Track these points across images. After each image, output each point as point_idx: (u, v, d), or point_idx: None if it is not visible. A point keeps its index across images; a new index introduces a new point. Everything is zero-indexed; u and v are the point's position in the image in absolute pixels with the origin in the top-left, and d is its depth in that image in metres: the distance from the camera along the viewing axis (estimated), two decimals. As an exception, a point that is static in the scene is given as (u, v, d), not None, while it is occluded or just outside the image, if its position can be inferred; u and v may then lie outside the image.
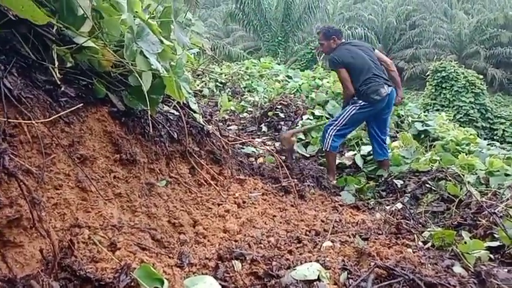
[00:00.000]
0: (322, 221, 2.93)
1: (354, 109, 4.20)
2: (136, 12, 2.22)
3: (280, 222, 2.75)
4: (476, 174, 3.97)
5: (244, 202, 2.83)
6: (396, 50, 33.18)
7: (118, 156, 1.90)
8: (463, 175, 3.89)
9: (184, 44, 2.30)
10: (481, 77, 18.24)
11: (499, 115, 17.82)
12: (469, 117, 17.33)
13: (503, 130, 17.27)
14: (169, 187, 2.15)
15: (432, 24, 32.23)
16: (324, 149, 4.42)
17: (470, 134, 7.77)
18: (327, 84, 6.83)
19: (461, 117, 17.05)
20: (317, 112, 5.80)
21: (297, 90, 6.99)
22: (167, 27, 2.37)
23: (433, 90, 17.96)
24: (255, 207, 2.80)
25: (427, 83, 18.49)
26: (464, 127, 15.92)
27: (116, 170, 1.86)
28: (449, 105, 17.50)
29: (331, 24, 6.90)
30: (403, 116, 6.16)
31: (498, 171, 3.94)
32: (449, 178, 3.90)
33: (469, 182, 3.78)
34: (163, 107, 2.55)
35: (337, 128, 4.25)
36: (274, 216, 2.82)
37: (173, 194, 2.11)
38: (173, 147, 2.47)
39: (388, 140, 4.65)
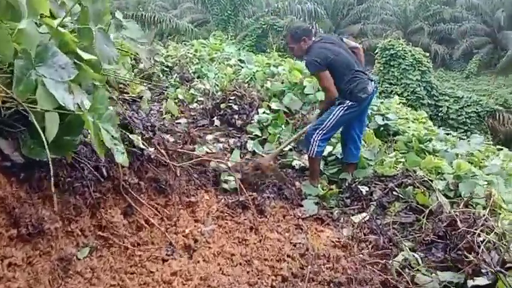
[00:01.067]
0: (288, 256, 2.54)
1: (342, 110, 3.78)
2: (42, 16, 1.61)
3: (240, 264, 2.32)
4: (444, 179, 3.75)
5: (196, 241, 2.36)
6: (344, 26, 33.19)
7: (15, 231, 1.34)
8: (431, 181, 3.67)
9: (109, 58, 1.73)
10: (428, 54, 18.60)
11: (443, 92, 18.37)
12: (416, 95, 17.70)
13: (448, 107, 17.86)
14: (95, 255, 1.62)
15: (379, 0, 32.47)
16: (308, 156, 4.02)
17: (422, 118, 7.74)
18: (282, 73, 6.35)
19: (408, 95, 17.37)
20: (274, 105, 5.34)
21: (251, 78, 6.47)
22: (89, 35, 1.78)
23: (382, 68, 18.13)
24: (209, 247, 2.34)
25: (376, 60, 18.58)
26: (411, 105, 16.19)
27: (12, 254, 1.30)
28: (397, 83, 17.82)
29: (298, 24, 6.38)
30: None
31: (466, 174, 3.76)
32: (417, 185, 3.66)
33: (438, 189, 3.56)
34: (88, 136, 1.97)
35: (323, 132, 3.84)
36: (233, 255, 2.38)
37: (100, 265, 1.59)
38: (101, 186, 1.92)
39: None
